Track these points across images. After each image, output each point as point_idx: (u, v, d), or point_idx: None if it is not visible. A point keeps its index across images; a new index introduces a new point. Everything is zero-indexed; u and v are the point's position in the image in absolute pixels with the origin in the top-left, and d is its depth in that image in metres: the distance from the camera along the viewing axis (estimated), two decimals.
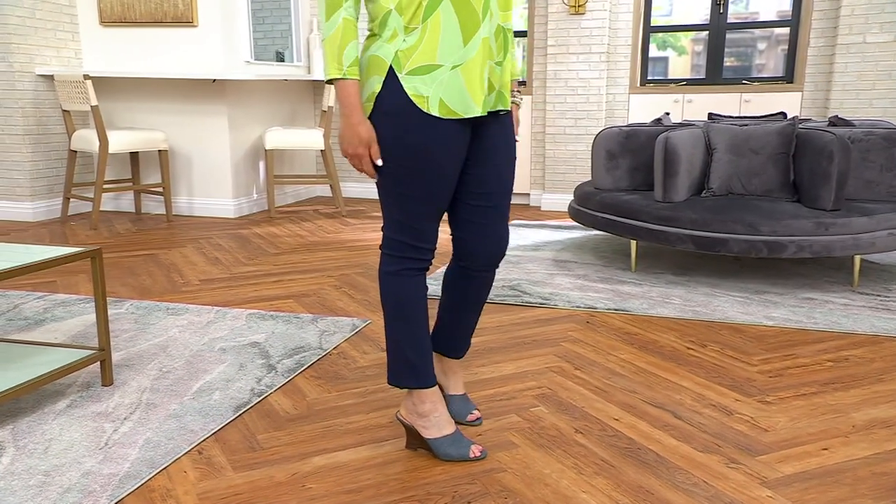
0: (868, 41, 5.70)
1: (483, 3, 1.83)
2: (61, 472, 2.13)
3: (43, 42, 5.94)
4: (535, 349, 3.08)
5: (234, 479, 2.08)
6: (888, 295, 3.79)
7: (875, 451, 2.25)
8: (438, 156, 1.89)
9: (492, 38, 1.88)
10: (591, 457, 2.20)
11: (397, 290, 2.04)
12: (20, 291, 3.91)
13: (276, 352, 3.01)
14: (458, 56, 1.84)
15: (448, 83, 1.85)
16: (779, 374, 2.84)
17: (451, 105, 1.86)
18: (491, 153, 2.03)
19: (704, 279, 4.13)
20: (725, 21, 6.52)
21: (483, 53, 1.86)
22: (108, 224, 5.80)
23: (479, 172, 2.04)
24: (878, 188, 3.96)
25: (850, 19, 5.73)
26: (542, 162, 6.88)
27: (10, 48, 5.69)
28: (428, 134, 1.86)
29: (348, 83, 1.85)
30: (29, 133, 5.85)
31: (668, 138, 4.02)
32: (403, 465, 2.14)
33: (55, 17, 6.04)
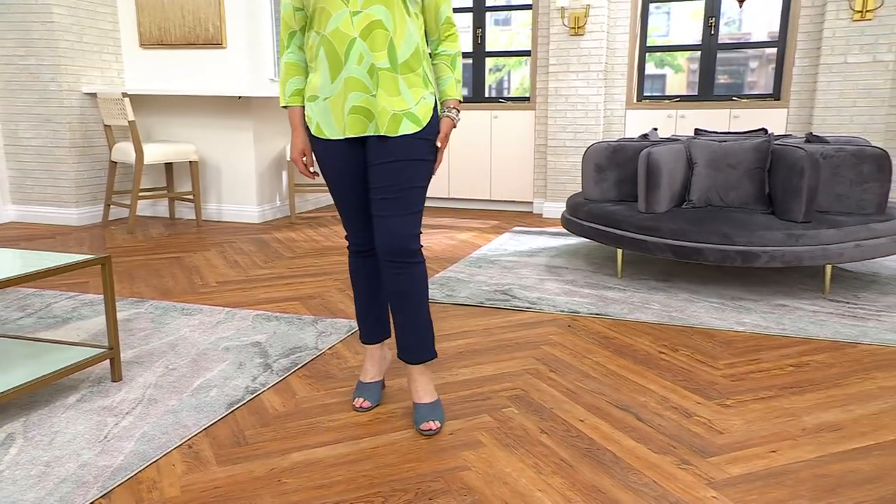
0: (849, 61, 5.59)
1: (345, 50, 2.07)
2: (61, 463, 2.12)
3: (89, 63, 5.99)
4: (516, 352, 3.04)
5: (216, 472, 2.06)
6: (856, 302, 3.70)
7: (820, 454, 2.19)
8: (326, 167, 2.24)
9: (363, 76, 2.09)
10: (551, 456, 2.15)
11: (349, 266, 2.49)
12: (55, 291, 3.93)
13: (275, 351, 3.00)
14: (328, 90, 2.14)
15: (321, 110, 2.17)
16: (741, 377, 2.78)
17: (322, 127, 2.19)
18: (376, 159, 2.17)
19: (685, 285, 4.06)
20: (716, 42, 6.43)
21: (347, 89, 2.10)
22: (144, 228, 5.84)
23: (374, 174, 2.19)
24: (847, 201, 3.86)
25: (832, 41, 5.62)
26: (544, 172, 6.82)
27: (59, 69, 5.74)
28: (317, 148, 2.24)
29: (290, 109, 2.27)
30: (75, 146, 5.90)
31: (650, 153, 3.96)
32: (374, 463, 2.11)
33: (100, 40, 6.09)
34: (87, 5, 5.94)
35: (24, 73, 5.84)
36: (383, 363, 2.52)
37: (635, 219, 3.98)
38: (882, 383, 2.72)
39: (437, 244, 5.28)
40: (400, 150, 2.16)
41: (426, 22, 2.24)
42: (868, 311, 3.57)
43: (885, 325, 3.33)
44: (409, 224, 2.18)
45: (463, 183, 7.20)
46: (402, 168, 2.16)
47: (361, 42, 2.07)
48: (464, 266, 4.52)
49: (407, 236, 2.18)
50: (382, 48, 2.08)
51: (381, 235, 2.19)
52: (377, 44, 2.08)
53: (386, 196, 2.17)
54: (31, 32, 5.74)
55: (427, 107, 2.19)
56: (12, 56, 5.84)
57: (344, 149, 2.20)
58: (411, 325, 2.27)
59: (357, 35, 2.07)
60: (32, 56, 5.78)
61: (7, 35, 5.81)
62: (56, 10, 5.68)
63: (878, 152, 3.78)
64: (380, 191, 2.18)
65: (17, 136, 5.98)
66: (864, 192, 3.83)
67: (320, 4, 2.09)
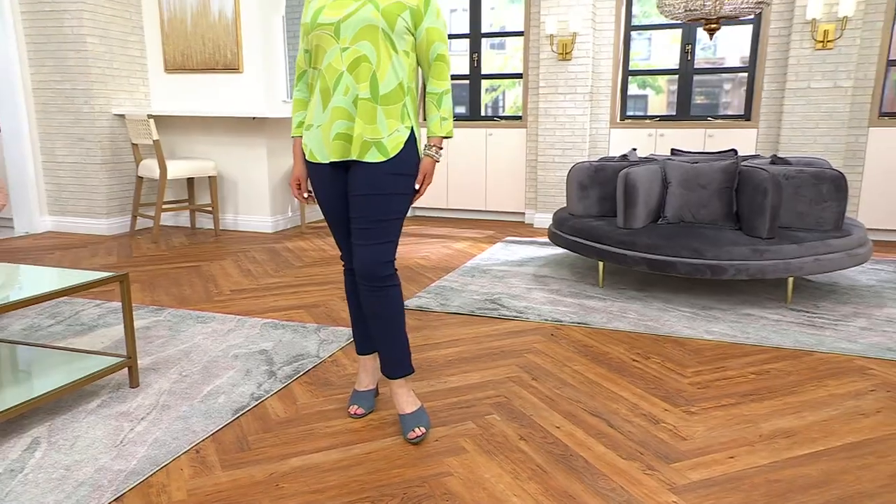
0: (812, 87, 5.56)
1: (334, 82, 2.10)
2: (80, 466, 2.12)
3: (118, 87, 6.00)
4: (501, 360, 3.02)
5: (220, 477, 2.06)
6: (815, 311, 3.69)
7: (773, 460, 2.18)
8: (317, 190, 2.25)
9: (349, 106, 2.10)
10: (528, 462, 2.15)
11: (344, 282, 2.47)
12: (83, 299, 3.94)
13: (280, 359, 2.99)
14: (320, 119, 2.16)
15: (314, 137, 2.19)
16: (707, 385, 2.76)
17: (315, 153, 2.20)
18: (351, 189, 2.17)
19: (661, 294, 4.05)
20: (693, 66, 6.41)
21: (334, 117, 2.12)
22: (167, 238, 5.84)
23: (350, 204, 2.19)
24: (807, 219, 3.85)
25: (797, 67, 5.59)
26: (535, 186, 6.81)
27: (91, 93, 5.75)
28: (311, 173, 2.26)
29: (294, 140, 2.31)
30: (105, 162, 5.91)
31: (628, 174, 3.95)
32: (365, 468, 2.11)
33: (129, 66, 6.09)
34: (118, 35, 5.95)
35: (60, 97, 5.85)
36: (376, 373, 2.52)
37: (614, 234, 3.97)
38: (833, 391, 2.71)
39: (434, 253, 5.27)
40: (372, 183, 2.14)
41: (419, 57, 2.21)
42: (826, 320, 3.55)
43: (840, 335, 3.32)
44: (381, 252, 2.18)
45: (460, 195, 7.19)
46: (374, 202, 2.15)
47: (348, 75, 2.09)
48: (458, 275, 4.52)
49: (379, 263, 2.17)
50: (366, 80, 2.09)
51: (357, 261, 2.19)
52: (361, 76, 2.09)
53: (361, 226, 2.17)
54: (66, 60, 5.75)
55: (398, 140, 2.15)
56: (49, 81, 5.85)
57: (331, 173, 2.21)
58: (388, 343, 2.27)
59: (345, 69, 2.09)
60: (68, 81, 5.79)
61: (45, 62, 5.82)
62: (89, 40, 5.69)
63: (835, 174, 3.77)
64: (356, 221, 2.18)
65: (54, 154, 6.00)
66: (823, 211, 3.81)
67: (316, 42, 2.13)
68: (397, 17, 2.09)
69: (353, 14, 2.07)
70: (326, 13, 2.09)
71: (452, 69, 7.33)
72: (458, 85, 7.33)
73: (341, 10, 2.08)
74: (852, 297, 3.98)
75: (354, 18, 2.06)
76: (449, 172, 7.17)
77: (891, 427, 2.40)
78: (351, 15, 2.07)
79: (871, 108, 5.66)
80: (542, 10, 6.29)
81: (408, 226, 6.71)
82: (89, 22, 5.68)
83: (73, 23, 5.66)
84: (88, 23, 5.68)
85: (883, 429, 2.39)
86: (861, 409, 2.55)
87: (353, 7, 2.08)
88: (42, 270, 2.71)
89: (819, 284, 4.26)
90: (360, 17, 2.06)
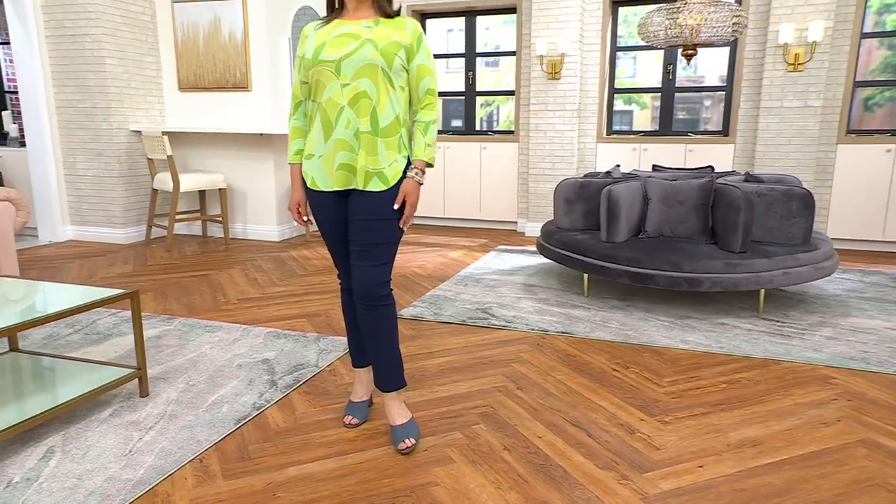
0: (784, 106, 5.57)
1: (336, 116, 2.11)
2: (91, 476, 2.13)
3: (135, 105, 6.01)
4: (489, 369, 3.02)
5: (221, 486, 2.06)
6: (785, 321, 3.69)
7: (739, 469, 2.18)
8: (318, 214, 2.25)
9: (350, 139, 2.12)
10: (510, 472, 2.15)
11: (341, 299, 2.45)
12: (100, 308, 3.93)
13: (281, 368, 2.99)
14: (322, 149, 2.16)
15: (315, 166, 2.19)
16: (681, 394, 2.76)
17: (316, 181, 2.19)
18: (352, 214, 2.19)
19: (642, 304, 4.05)
20: (674, 85, 6.42)
21: (336, 149, 2.13)
22: (180, 246, 5.85)
23: (350, 228, 2.20)
24: (778, 234, 3.85)
25: (770, 88, 5.60)
26: (527, 196, 6.82)
27: (110, 111, 5.76)
28: (311, 199, 2.25)
29: (292, 166, 2.29)
30: (122, 176, 5.92)
31: (611, 191, 3.95)
32: (357, 478, 2.11)
33: (145, 85, 6.10)
34: (135, 56, 5.95)
35: (81, 115, 5.86)
36: (370, 385, 2.53)
37: (598, 247, 3.98)
38: (798, 399, 2.71)
39: (430, 262, 5.27)
40: (373, 209, 2.16)
41: (411, 91, 2.23)
42: (794, 329, 3.56)
43: (807, 344, 3.32)
44: (378, 273, 2.18)
45: (456, 204, 7.20)
46: (373, 226, 2.17)
47: (349, 109, 2.10)
48: (452, 284, 4.52)
49: (376, 284, 2.18)
50: (366, 115, 2.11)
51: (355, 281, 2.20)
52: (362, 111, 2.11)
53: (359, 249, 2.18)
54: (87, 80, 5.76)
55: (397, 169, 2.18)
56: (71, 100, 5.86)
57: (333, 200, 2.21)
58: (382, 358, 2.28)
59: (346, 103, 2.10)
60: (88, 100, 5.80)
61: (67, 83, 5.83)
62: (108, 61, 5.70)
63: (803, 192, 3.77)
64: (355, 243, 2.19)
65: (75, 168, 6.00)
66: (792, 226, 3.82)
67: (316, 77, 2.13)
68: (394, 55, 2.11)
69: (354, 53, 2.08)
70: (328, 51, 2.09)
71: (450, 86, 7.34)
72: (454, 101, 7.33)
73: (342, 48, 2.09)
74: (819, 306, 3.99)
75: (355, 57, 2.08)
76: (445, 183, 7.17)
77: (849, 436, 2.41)
78: (352, 53, 2.08)
79: (840, 125, 5.67)
80: (533, 32, 6.29)
81: (405, 234, 6.72)
82: (108, 45, 5.69)
83: (94, 46, 5.67)
84: (108, 45, 5.68)
85: (842, 437, 2.40)
86: (823, 417, 2.55)
87: (353, 46, 2.09)
88: (61, 287, 2.72)
89: (790, 294, 4.26)
90: (361, 55, 2.08)
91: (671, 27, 4.17)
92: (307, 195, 2.27)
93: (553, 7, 6.19)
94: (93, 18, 5.62)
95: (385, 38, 2.11)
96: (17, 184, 6.33)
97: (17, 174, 6.31)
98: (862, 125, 5.80)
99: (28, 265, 5.04)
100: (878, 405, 2.66)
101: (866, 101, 5.80)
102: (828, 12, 5.34)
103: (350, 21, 2.15)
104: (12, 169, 6.32)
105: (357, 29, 2.12)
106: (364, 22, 2.14)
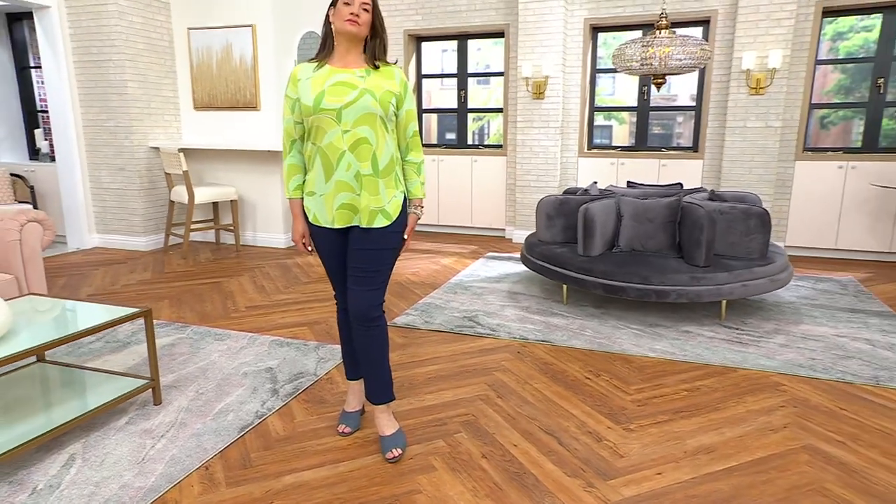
0: (748, 126, 5.58)
1: (337, 160, 2.11)
2: (107, 483, 2.15)
3: (154, 123, 6.01)
4: (473, 378, 3.03)
5: (224, 493, 2.08)
6: (743, 329, 3.71)
7: (693, 476, 2.20)
8: (319, 246, 2.27)
9: (351, 180, 2.13)
10: (487, 480, 2.17)
11: (337, 318, 2.45)
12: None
13: (283, 377, 3.00)
14: (323, 189, 2.16)
15: (317, 203, 2.18)
16: (646, 402, 2.78)
17: (318, 217, 2.20)
18: (354, 245, 2.21)
19: (615, 312, 4.06)
20: (649, 104, 6.42)
21: (337, 189, 2.14)
22: (196, 253, 5.86)
23: (351, 256, 2.22)
24: (738, 248, 3.87)
25: (734, 109, 5.61)
26: (514, 206, 6.83)
27: (131, 129, 5.77)
28: (313, 233, 2.25)
29: (292, 200, 2.26)
30: (143, 189, 5.92)
31: (587, 209, 3.97)
32: (348, 486, 2.13)
33: (163, 105, 6.10)
34: (154, 78, 5.95)
35: (106, 133, 5.87)
36: (362, 396, 2.55)
37: (575, 260, 4.00)
38: (750, 406, 2.73)
39: (423, 269, 5.29)
40: (374, 241, 2.20)
41: (398, 134, 2.26)
42: (751, 336, 3.58)
43: (762, 351, 3.35)
44: (373, 296, 2.21)
45: (449, 213, 7.21)
46: (373, 255, 2.20)
47: (350, 154, 2.11)
48: (442, 292, 4.54)
49: (371, 306, 2.21)
50: (367, 159, 2.13)
51: (351, 303, 2.22)
52: (363, 156, 2.12)
53: (357, 275, 2.20)
54: (111, 102, 5.77)
55: (397, 203, 2.22)
56: (96, 120, 5.87)
57: (333, 234, 2.23)
58: (373, 374, 2.30)
59: (346, 148, 2.11)
60: (112, 120, 5.81)
61: (93, 104, 5.84)
62: (130, 85, 5.70)
63: (761, 211, 3.80)
64: (354, 269, 2.21)
65: (100, 181, 6.01)
66: (751, 242, 3.84)
67: (317, 123, 2.12)
68: (389, 103, 2.14)
69: (354, 102, 2.09)
70: (328, 100, 2.09)
71: (444, 103, 7.35)
72: (447, 116, 7.34)
73: (342, 97, 2.09)
74: (776, 313, 4.01)
75: (356, 106, 2.09)
76: (440, 193, 7.18)
77: (793, 442, 2.43)
78: (352, 103, 2.09)
79: (797, 144, 5.68)
80: (520, 56, 6.29)
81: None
82: (130, 69, 5.69)
83: (116, 71, 5.67)
84: (129, 70, 5.68)
85: (787, 443, 2.42)
86: (771, 424, 2.57)
87: (353, 96, 2.09)
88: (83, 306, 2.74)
89: (750, 301, 4.28)
90: (361, 105, 2.09)
91: (643, 58, 4.18)
92: (310, 229, 2.26)
93: (537, 33, 6.19)
94: (116, 45, 5.62)
95: (380, 88, 2.13)
96: (48, 196, 6.33)
97: (47, 187, 6.31)
98: (819, 141, 5.83)
99: (57, 272, 5.05)
100: (820, 411, 2.68)
101: (822, 119, 5.82)
102: (786, 41, 5.35)
103: (343, 69, 2.15)
104: (44, 182, 6.32)
105: (352, 78, 2.12)
106: (357, 71, 2.15)
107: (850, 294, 4.45)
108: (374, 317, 2.22)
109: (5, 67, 6.66)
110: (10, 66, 6.70)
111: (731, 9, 5.68)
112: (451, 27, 6.81)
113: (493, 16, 6.62)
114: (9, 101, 6.70)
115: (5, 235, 3.29)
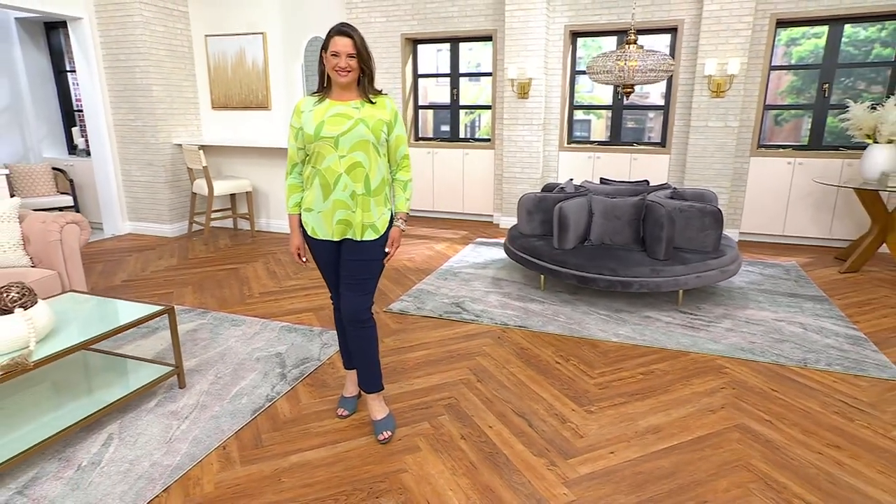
0: (709, 125, 5.59)
1: (334, 181, 2.17)
2: (140, 461, 2.24)
3: (177, 122, 6.01)
4: (457, 362, 3.06)
5: (239, 471, 2.18)
6: (696, 314, 3.79)
7: (641, 454, 2.28)
8: (317, 257, 2.32)
9: (347, 199, 2.19)
10: (464, 460, 2.25)
11: (334, 316, 2.50)
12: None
13: (290, 361, 3.07)
14: (321, 206, 2.22)
15: (315, 219, 2.24)
16: (606, 385, 2.84)
17: (316, 231, 2.25)
18: (347, 255, 2.27)
19: (587, 298, 4.11)
20: (622, 104, 6.41)
21: (334, 207, 2.19)
22: (215, 239, 5.91)
23: (343, 265, 2.28)
24: (695, 242, 3.94)
25: (697, 110, 5.61)
26: (501, 195, 6.86)
27: (157, 128, 5.77)
28: (311, 244, 2.30)
29: (291, 216, 2.32)
30: (168, 182, 5.95)
31: (562, 207, 4.02)
32: (344, 465, 2.22)
33: (185, 106, 6.09)
34: (176, 82, 5.93)
35: (134, 132, 5.87)
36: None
37: (551, 253, 4.06)
38: (695, 389, 2.80)
39: (418, 255, 5.34)
40: (364, 252, 2.27)
41: (389, 156, 2.31)
42: (702, 321, 3.66)
43: (710, 336, 3.43)
44: (363, 301, 2.29)
45: (442, 199, 7.25)
46: (363, 265, 2.27)
47: (346, 176, 2.18)
48: (434, 278, 4.60)
49: (361, 310, 2.29)
50: (361, 180, 2.20)
51: (344, 307, 2.31)
52: (357, 178, 2.19)
53: (349, 282, 2.29)
54: (138, 103, 5.76)
55: (385, 219, 2.29)
56: (126, 120, 5.87)
57: (330, 246, 2.30)
58: (365, 367, 2.39)
59: (343, 171, 2.18)
60: (139, 120, 5.81)
61: (122, 105, 5.83)
62: (154, 88, 5.70)
63: (714, 210, 3.85)
64: (346, 277, 2.29)
65: (131, 175, 6.04)
66: (706, 237, 3.90)
67: (317, 149, 2.18)
68: (381, 131, 2.20)
69: (350, 131, 2.16)
70: (328, 128, 2.16)
71: (439, 98, 7.32)
72: (441, 112, 7.32)
73: (339, 126, 2.16)
74: (726, 298, 4.09)
75: (351, 134, 2.16)
76: (434, 182, 7.21)
77: (728, 421, 2.52)
78: (348, 131, 2.16)
79: (752, 141, 5.70)
80: (506, 59, 6.26)
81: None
82: (154, 74, 5.67)
83: (142, 76, 5.66)
84: (154, 75, 5.67)
85: (722, 423, 2.50)
86: (711, 405, 2.65)
87: (348, 125, 2.16)
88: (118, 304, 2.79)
89: (704, 287, 4.34)
90: (356, 133, 2.16)
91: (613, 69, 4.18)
92: (306, 240, 2.33)
93: (522, 38, 6.15)
94: (142, 53, 5.59)
95: (373, 117, 2.19)
96: (86, 187, 6.36)
97: (85, 179, 6.33)
98: (773, 137, 5.85)
99: (95, 258, 5.12)
100: (755, 392, 2.77)
101: (776, 116, 5.83)
102: (743, 50, 5.33)
103: (339, 102, 2.21)
104: (81, 175, 6.34)
105: (348, 110, 2.18)
106: (352, 103, 2.20)
107: (791, 279, 4.53)
108: (364, 319, 2.30)
109: (45, 71, 6.62)
110: (49, 69, 6.66)
111: (696, 19, 5.65)
112: (443, 31, 6.75)
113: (482, 21, 6.56)
114: (49, 101, 6.68)
115: (48, 236, 3.35)
